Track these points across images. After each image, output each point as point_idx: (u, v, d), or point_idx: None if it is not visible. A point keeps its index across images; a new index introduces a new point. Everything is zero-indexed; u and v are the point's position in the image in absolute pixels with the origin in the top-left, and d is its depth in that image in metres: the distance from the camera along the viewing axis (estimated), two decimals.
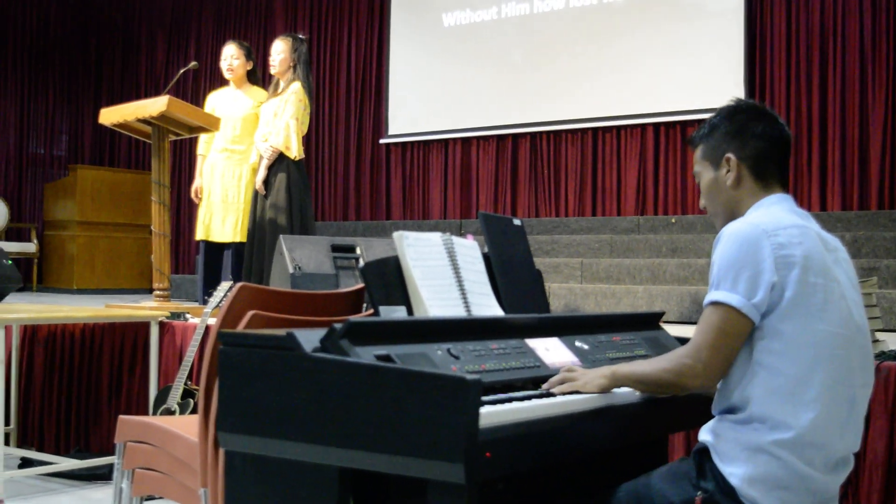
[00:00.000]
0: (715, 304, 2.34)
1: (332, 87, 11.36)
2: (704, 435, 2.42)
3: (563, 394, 2.39)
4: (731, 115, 2.60)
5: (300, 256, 5.30)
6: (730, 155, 2.55)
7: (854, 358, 2.38)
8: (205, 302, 5.82)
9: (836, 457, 2.34)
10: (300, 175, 6.75)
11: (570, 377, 2.45)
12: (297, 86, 6.70)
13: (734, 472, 2.30)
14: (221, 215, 6.99)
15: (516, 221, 3.23)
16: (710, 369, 2.33)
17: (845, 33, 8.05)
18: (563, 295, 6.90)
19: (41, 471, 5.38)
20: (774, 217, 2.41)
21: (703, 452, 2.39)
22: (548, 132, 9.65)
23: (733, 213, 2.56)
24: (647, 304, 6.50)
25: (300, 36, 6.97)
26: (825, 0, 8.17)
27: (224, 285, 5.01)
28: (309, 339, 2.13)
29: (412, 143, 10.68)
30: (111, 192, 11.60)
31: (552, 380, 2.45)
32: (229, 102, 7.15)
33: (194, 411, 4.74)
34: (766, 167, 2.54)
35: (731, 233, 2.38)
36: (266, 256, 6.44)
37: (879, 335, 3.89)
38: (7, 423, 5.71)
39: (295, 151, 6.64)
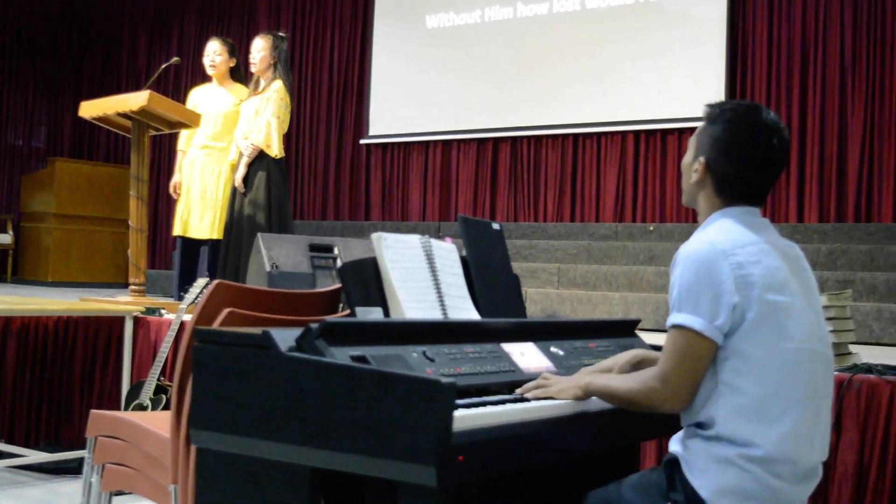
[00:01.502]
0: (678, 327, 2.33)
1: (313, 85, 11.35)
2: (674, 446, 2.42)
3: (537, 399, 2.40)
4: (729, 121, 2.47)
5: (277, 255, 5.29)
6: (703, 159, 2.50)
7: (818, 370, 2.38)
8: (180, 298, 5.81)
9: (805, 468, 2.35)
10: (280, 173, 6.74)
11: (544, 384, 2.46)
12: (278, 84, 6.69)
13: (704, 484, 2.30)
14: (199, 212, 6.98)
15: (495, 225, 3.23)
16: (678, 394, 2.33)
17: (826, 45, 8.10)
18: (539, 300, 6.91)
19: (10, 463, 5.35)
20: (731, 235, 2.38)
21: (674, 463, 2.39)
22: (528, 137, 9.67)
23: (693, 201, 2.57)
24: (623, 311, 6.52)
25: (280, 34, 6.96)
26: (807, 12, 8.22)
27: (200, 282, 5.00)
28: (284, 338, 2.13)
29: (393, 144, 10.68)
30: (89, 186, 11.56)
31: (527, 385, 2.46)
32: (211, 99, 7.13)
33: (166, 407, 4.73)
34: (731, 191, 2.47)
35: (689, 254, 2.37)
36: (243, 254, 6.43)
37: (853, 347, 3.91)
38: None
39: (276, 149, 6.63)
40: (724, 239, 2.36)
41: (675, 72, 8.77)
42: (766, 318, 2.30)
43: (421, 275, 2.74)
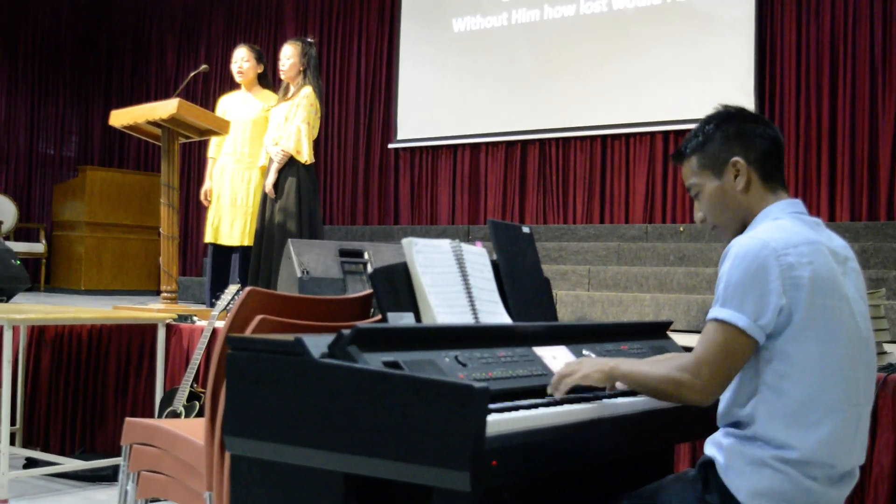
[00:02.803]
0: (720, 322, 2.29)
1: (341, 91, 11.37)
2: (710, 448, 2.41)
3: (567, 391, 2.37)
4: (726, 121, 2.55)
5: (308, 260, 5.31)
6: (737, 158, 2.50)
7: (860, 376, 2.36)
8: (212, 305, 5.83)
9: (841, 472, 2.33)
10: (310, 179, 6.76)
11: (566, 372, 2.41)
12: (308, 90, 6.71)
13: (740, 486, 2.29)
14: (230, 219, 7.01)
15: (525, 229, 3.23)
16: (709, 386, 2.28)
17: (856, 44, 8.04)
18: (570, 302, 6.89)
19: (46, 471, 5.39)
20: (784, 232, 2.35)
21: (709, 465, 2.38)
22: (557, 139, 9.65)
23: (744, 221, 2.52)
24: (654, 312, 6.50)
25: (309, 40, 6.98)
26: (836, 10, 8.16)
27: (231, 288, 5.02)
28: (317, 344, 2.13)
29: (421, 148, 10.69)
30: (120, 194, 11.64)
31: (553, 381, 2.41)
32: (239, 106, 7.16)
33: (200, 414, 4.75)
34: (771, 168, 2.51)
35: (740, 250, 2.32)
36: (274, 260, 6.45)
37: (887, 347, 3.89)
38: (13, 423, 5.72)
39: (306, 156, 6.65)
40: (777, 238, 2.32)
41: (703, 72, 8.73)
42: (813, 322, 2.27)
43: (452, 279, 2.74)
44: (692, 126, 2.66)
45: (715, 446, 2.39)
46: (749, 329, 2.26)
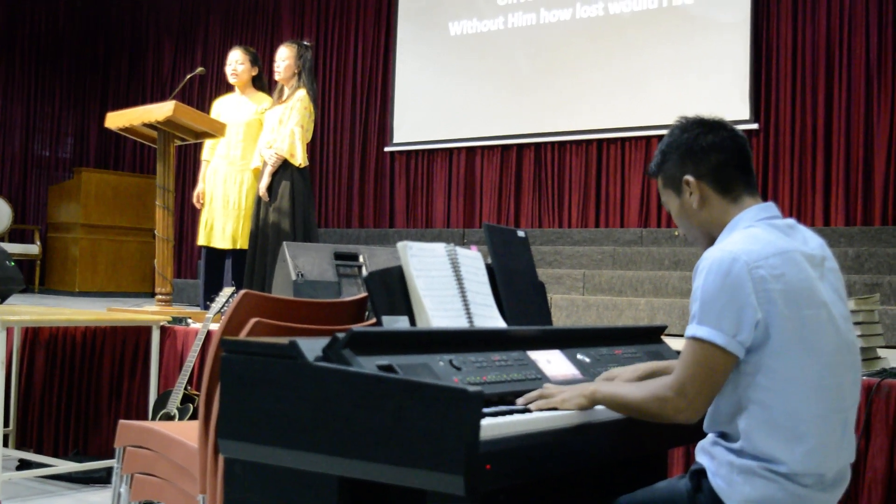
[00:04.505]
0: (698, 340, 2.29)
1: (337, 94, 11.36)
2: (700, 456, 2.41)
3: (540, 410, 2.32)
4: (678, 137, 2.56)
5: (303, 264, 5.30)
6: (688, 177, 2.50)
7: (845, 382, 2.36)
8: (206, 307, 5.83)
9: (832, 476, 2.33)
10: (304, 182, 6.75)
11: (547, 393, 2.38)
12: (302, 93, 6.71)
13: (731, 494, 2.29)
14: (222, 221, 7.00)
15: (520, 233, 3.23)
16: (694, 405, 2.27)
17: (851, 48, 8.05)
18: (564, 306, 6.89)
19: (39, 473, 5.38)
20: (756, 243, 2.34)
21: (700, 473, 2.38)
22: (552, 143, 9.65)
23: (710, 235, 2.52)
24: (649, 316, 6.50)
25: (305, 43, 6.98)
26: (832, 14, 8.17)
27: (226, 291, 5.02)
28: (311, 347, 2.13)
29: (416, 151, 10.68)
30: (115, 196, 11.64)
31: (528, 395, 2.39)
32: (233, 108, 7.16)
33: (193, 417, 4.74)
34: (728, 178, 2.49)
35: (711, 265, 2.32)
36: (269, 263, 6.45)
37: (881, 352, 3.89)
38: (6, 424, 5.71)
39: (299, 159, 6.64)
40: (749, 250, 2.31)
41: (698, 76, 8.74)
42: (793, 335, 2.27)
43: (446, 283, 2.74)
44: None
45: (705, 454, 2.39)
46: (728, 346, 2.25)
